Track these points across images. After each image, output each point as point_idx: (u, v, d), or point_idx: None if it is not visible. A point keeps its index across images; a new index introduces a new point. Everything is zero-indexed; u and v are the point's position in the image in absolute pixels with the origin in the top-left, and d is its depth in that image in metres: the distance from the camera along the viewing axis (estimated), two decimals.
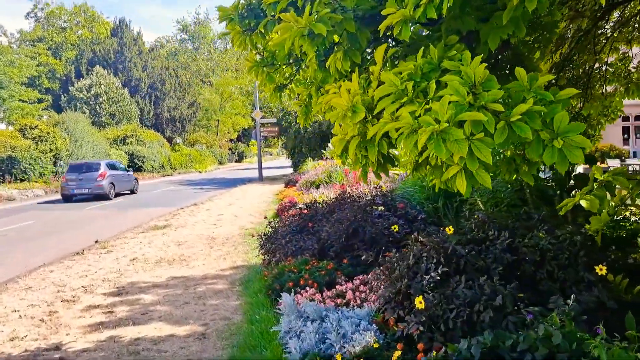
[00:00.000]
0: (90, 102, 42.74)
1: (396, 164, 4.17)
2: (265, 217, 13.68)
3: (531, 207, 6.37)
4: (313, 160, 22.44)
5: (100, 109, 42.72)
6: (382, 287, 5.16)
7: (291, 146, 29.89)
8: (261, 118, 28.71)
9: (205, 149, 58.21)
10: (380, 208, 7.09)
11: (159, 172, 41.42)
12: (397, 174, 10.53)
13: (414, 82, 3.43)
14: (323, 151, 22.77)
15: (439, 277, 4.48)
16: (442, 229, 5.76)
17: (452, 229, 5.29)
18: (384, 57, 3.93)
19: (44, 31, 59.09)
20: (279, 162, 60.60)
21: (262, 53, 5.26)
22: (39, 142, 28.14)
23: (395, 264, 4.80)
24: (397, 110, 3.36)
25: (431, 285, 4.45)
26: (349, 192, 8.65)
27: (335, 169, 15.45)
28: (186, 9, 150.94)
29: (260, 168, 29.50)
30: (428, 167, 3.59)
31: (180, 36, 72.76)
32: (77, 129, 31.52)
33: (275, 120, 28.93)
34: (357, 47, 4.23)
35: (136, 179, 25.15)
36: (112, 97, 43.79)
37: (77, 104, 41.92)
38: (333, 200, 8.44)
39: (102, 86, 43.24)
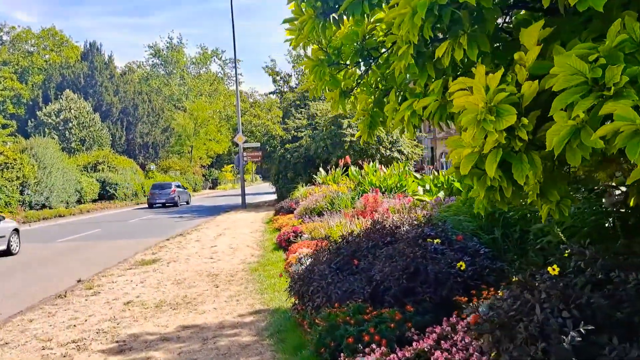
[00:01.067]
0: (60, 127, 40.84)
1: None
2: (266, 249, 12.45)
3: (622, 238, 5.39)
4: (304, 186, 21.31)
5: (70, 135, 40.84)
6: (479, 343, 4.08)
7: (275, 171, 28.69)
8: (244, 142, 27.52)
9: (179, 175, 56.47)
10: (436, 241, 6.00)
11: (132, 199, 39.54)
12: (424, 200, 9.51)
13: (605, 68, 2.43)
14: (314, 176, 21.68)
15: (580, 338, 3.42)
16: (530, 269, 4.75)
17: (557, 269, 4.27)
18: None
19: (9, 55, 56.87)
20: (254, 188, 59.20)
21: (326, 49, 4.19)
22: (4, 169, 26.23)
23: (516, 319, 3.69)
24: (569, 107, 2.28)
25: (574, 347, 3.38)
26: (383, 223, 7.54)
27: (336, 195, 14.35)
28: (158, 34, 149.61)
29: (243, 195, 28.18)
30: None
31: (152, 61, 71.35)
32: (46, 155, 29.69)
33: (258, 144, 27.77)
34: (483, 30, 3.21)
35: None
36: (83, 122, 41.99)
37: (46, 129, 39.94)
38: (365, 231, 7.33)
39: (72, 111, 41.44)
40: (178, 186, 35.24)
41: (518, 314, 3.77)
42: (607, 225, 5.73)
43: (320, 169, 21.82)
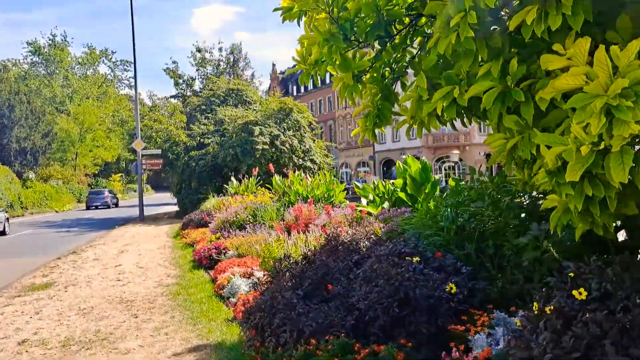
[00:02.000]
0: None
1: None
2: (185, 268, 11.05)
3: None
4: (214, 196, 19.84)
5: None
6: None
7: (177, 181, 26.78)
8: (143, 149, 25.33)
9: (62, 184, 51.62)
10: (415, 259, 5.24)
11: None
12: (368, 211, 8.78)
13: None
14: (225, 186, 20.29)
15: None
16: (540, 292, 4.21)
17: (584, 293, 3.70)
18: None
19: None
20: (148, 199, 55.63)
21: (336, 19, 3.24)
22: None
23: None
24: None
25: None
26: (338, 238, 6.65)
27: (259, 206, 13.24)
28: (39, 30, 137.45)
29: (141, 206, 25.89)
30: None
31: (32, 59, 64.95)
32: None
33: (159, 151, 25.71)
34: None
35: None
36: None
37: None
38: (322, 249, 6.41)
39: None
40: (110, 192, 46.56)
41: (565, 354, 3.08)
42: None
43: (232, 178, 20.51)
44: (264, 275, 7.72)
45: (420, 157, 49.48)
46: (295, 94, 67.76)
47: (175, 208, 31.75)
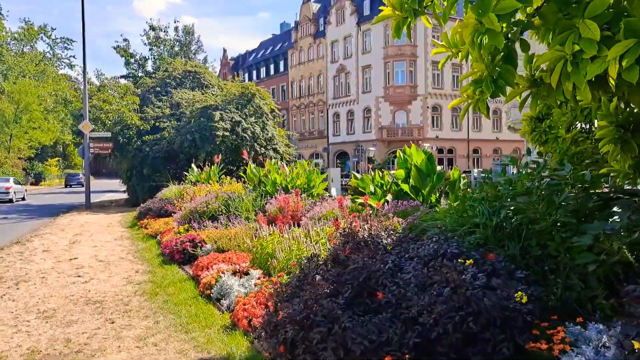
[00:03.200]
0: None
1: None
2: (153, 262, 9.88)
3: None
4: (172, 184, 18.48)
5: None
6: None
7: (128, 167, 25.06)
8: (91, 131, 23.43)
9: None
10: (468, 262, 4.48)
11: None
12: (369, 204, 7.97)
13: None
14: (185, 173, 18.96)
15: None
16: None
17: None
18: None
19: None
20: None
21: None
22: None
23: None
24: None
25: None
26: (356, 233, 5.80)
27: (233, 196, 12.16)
28: None
29: (88, 192, 23.99)
30: None
31: None
32: None
33: (109, 134, 23.88)
34: None
35: None
36: None
37: None
38: (341, 244, 5.55)
39: None
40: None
41: None
42: None
43: (193, 165, 19.19)
44: (264, 275, 6.78)
45: (374, 150, 49.23)
46: (247, 81, 66.04)
47: (122, 195, 29.94)
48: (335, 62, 56.79)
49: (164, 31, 37.30)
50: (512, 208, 5.44)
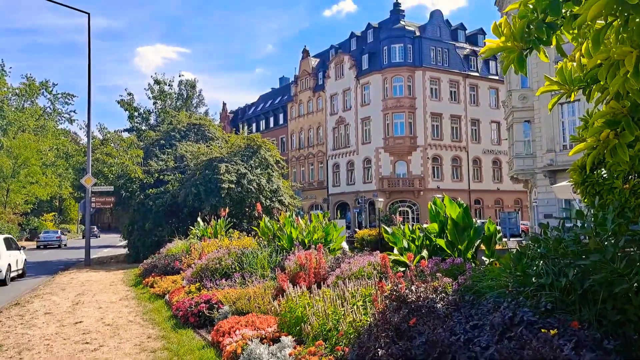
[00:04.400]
0: None
1: None
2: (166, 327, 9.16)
3: None
4: (178, 238, 17.85)
5: None
6: None
7: (130, 221, 24.44)
8: (94, 185, 22.95)
9: None
10: (552, 332, 3.91)
11: None
12: (402, 261, 7.40)
13: None
14: (191, 227, 18.37)
15: None
16: None
17: None
18: None
19: None
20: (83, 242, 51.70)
21: None
22: None
23: None
24: None
25: None
26: (406, 297, 5.22)
27: (247, 252, 11.55)
28: None
29: (88, 249, 23.26)
30: None
31: None
32: None
33: (112, 188, 23.40)
34: None
35: None
36: None
37: None
38: (389, 309, 4.96)
39: None
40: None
41: None
42: None
43: (199, 219, 18.62)
44: (294, 342, 6.13)
45: (375, 200, 48.93)
46: (246, 134, 66.27)
47: (122, 251, 29.15)
48: (335, 114, 57.25)
49: (169, 85, 37.59)
50: (581, 267, 4.91)
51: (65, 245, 46.65)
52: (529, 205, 35.21)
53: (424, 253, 7.47)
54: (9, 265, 16.95)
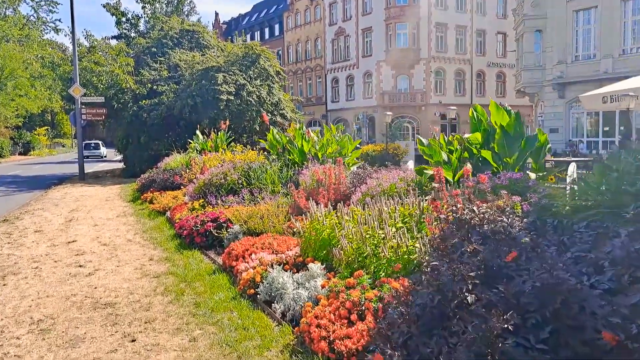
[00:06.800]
0: None
1: None
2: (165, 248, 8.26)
3: None
4: (176, 152, 16.74)
5: None
6: None
7: (123, 134, 23.19)
8: (83, 96, 21.43)
9: None
10: None
11: None
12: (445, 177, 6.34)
13: None
14: (190, 141, 17.18)
15: None
16: None
17: None
18: None
19: None
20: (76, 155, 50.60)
21: None
22: None
23: None
24: None
25: None
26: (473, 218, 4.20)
27: (255, 166, 10.47)
28: None
29: (81, 163, 22.13)
30: None
31: None
32: None
33: (102, 99, 21.89)
34: None
35: None
36: None
37: None
38: (449, 233, 3.96)
39: None
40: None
41: None
42: None
43: (198, 132, 17.40)
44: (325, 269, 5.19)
45: (383, 115, 47.58)
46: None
47: (118, 165, 28.14)
48: (334, 25, 54.30)
49: None
50: None
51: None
52: (534, 120, 34.07)
53: (468, 166, 6.42)
54: None
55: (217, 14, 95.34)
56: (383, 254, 4.78)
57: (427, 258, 4.41)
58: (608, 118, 25.82)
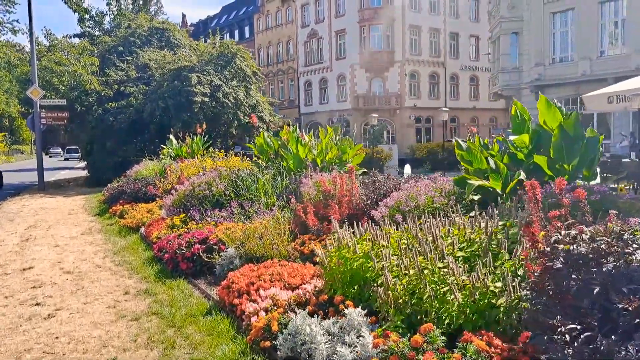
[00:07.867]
0: None
1: None
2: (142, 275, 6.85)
3: None
4: (147, 159, 15.18)
5: None
6: None
7: (87, 139, 21.42)
8: (42, 98, 19.59)
9: None
10: None
11: None
12: (487, 187, 5.16)
13: None
14: (162, 146, 15.66)
15: None
16: None
17: None
18: None
19: None
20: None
21: None
22: None
23: None
24: None
25: None
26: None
27: (243, 175, 9.12)
28: None
29: (41, 171, 20.20)
30: None
31: None
32: None
33: (64, 102, 20.07)
34: None
35: None
36: None
37: None
38: (546, 271, 2.79)
39: None
40: None
41: None
42: None
43: (171, 136, 15.89)
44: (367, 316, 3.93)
45: (349, 120, 46.46)
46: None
47: (81, 173, 26.22)
48: (306, 27, 53.12)
49: None
50: None
51: None
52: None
53: (522, 175, 5.28)
54: None
55: (184, 16, 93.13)
56: (453, 296, 3.55)
57: (526, 306, 3.24)
58: (601, 119, 25.35)
